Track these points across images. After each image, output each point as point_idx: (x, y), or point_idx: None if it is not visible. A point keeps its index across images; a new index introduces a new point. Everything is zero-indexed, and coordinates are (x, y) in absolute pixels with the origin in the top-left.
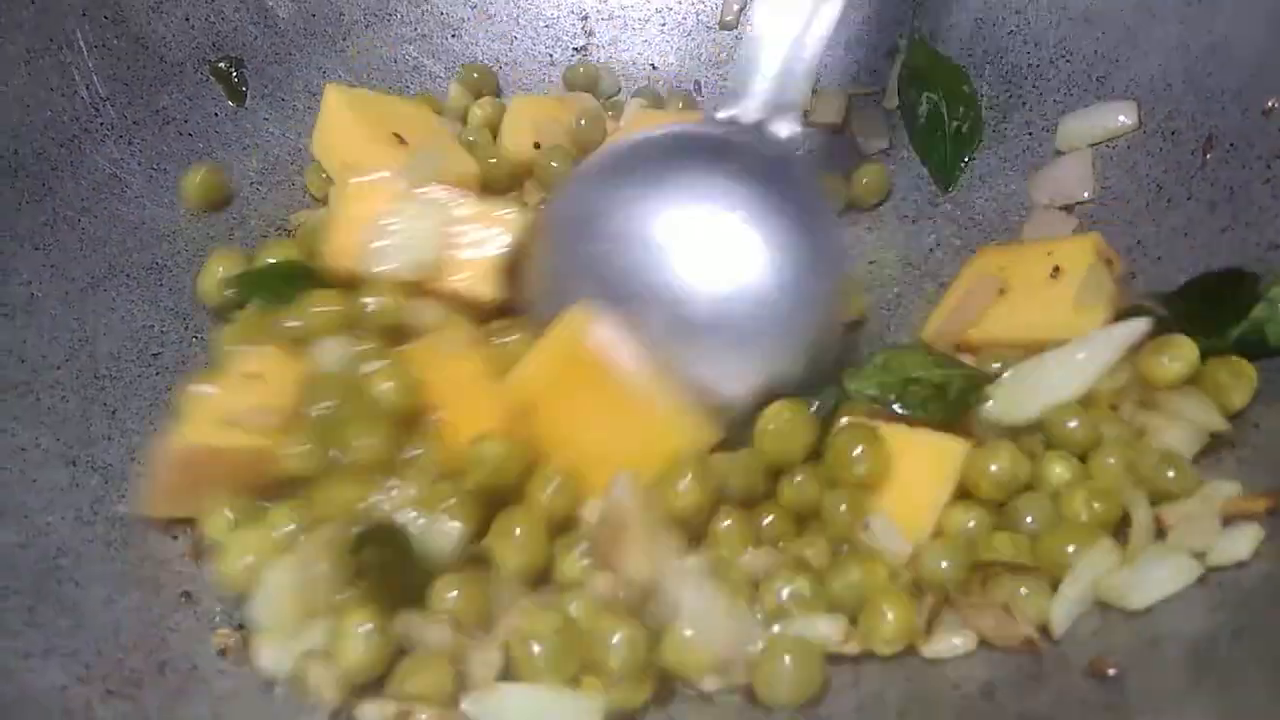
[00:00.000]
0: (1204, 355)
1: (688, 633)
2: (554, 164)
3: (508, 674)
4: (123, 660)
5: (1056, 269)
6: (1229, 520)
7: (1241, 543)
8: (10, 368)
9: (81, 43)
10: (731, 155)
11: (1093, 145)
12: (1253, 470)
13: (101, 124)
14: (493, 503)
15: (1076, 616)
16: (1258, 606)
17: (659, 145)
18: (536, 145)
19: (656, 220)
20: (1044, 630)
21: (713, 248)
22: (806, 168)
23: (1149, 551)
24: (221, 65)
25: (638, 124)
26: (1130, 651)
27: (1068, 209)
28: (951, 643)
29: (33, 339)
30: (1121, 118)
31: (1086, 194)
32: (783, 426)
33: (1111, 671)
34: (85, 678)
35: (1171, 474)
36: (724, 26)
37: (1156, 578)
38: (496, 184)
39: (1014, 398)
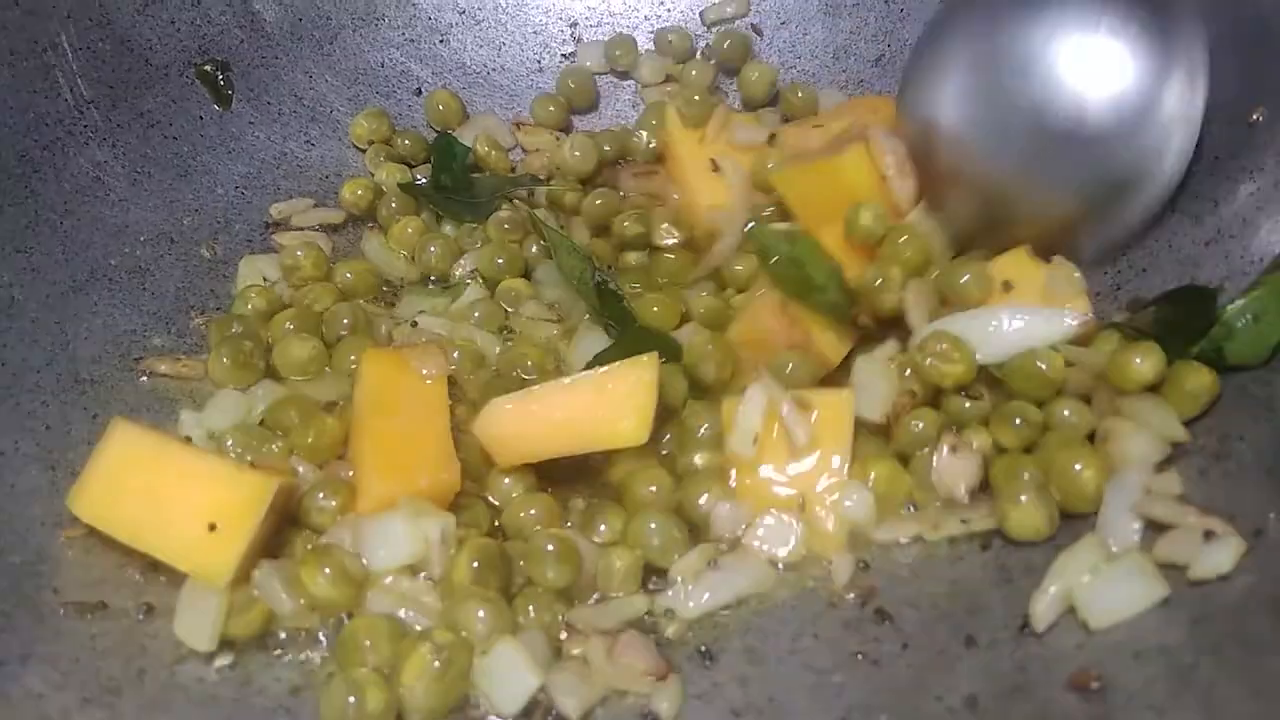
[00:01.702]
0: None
1: None
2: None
3: None
4: (100, 667)
5: (1006, 284)
6: (1211, 534)
7: (1224, 556)
8: None
9: (66, 45)
10: None
11: None
12: (1237, 483)
13: (85, 127)
14: None
15: (1057, 615)
16: (1239, 620)
17: None
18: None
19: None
20: (1027, 627)
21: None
22: None
23: (1119, 565)
24: (207, 69)
25: None
26: (1113, 664)
27: None
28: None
29: (13, 342)
30: None
31: None
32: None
33: (1094, 685)
34: (62, 684)
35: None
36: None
37: (1121, 596)
38: None
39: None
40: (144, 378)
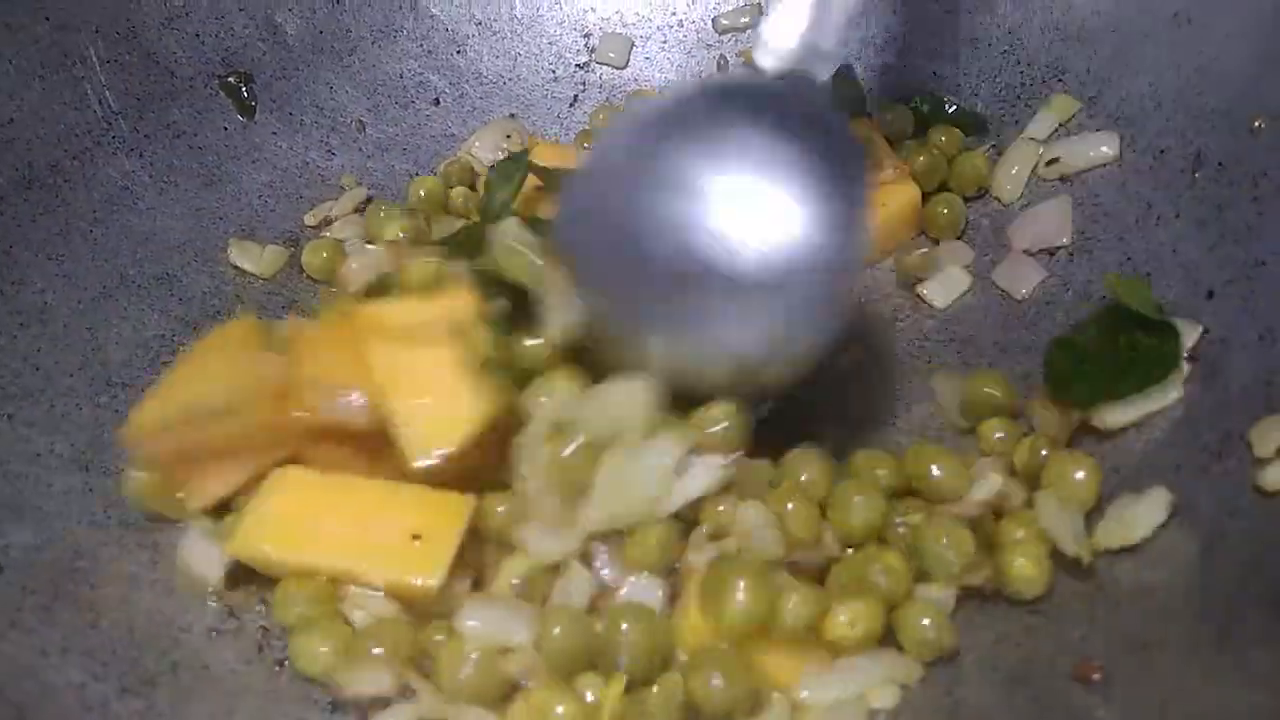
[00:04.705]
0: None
1: None
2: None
3: None
4: (137, 659)
5: None
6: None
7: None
8: (25, 375)
9: (94, 59)
10: (770, 111)
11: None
12: (1238, 481)
13: (113, 137)
14: None
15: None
16: (1239, 614)
17: (700, 103)
18: None
19: (694, 181)
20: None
21: (748, 212)
22: (840, 121)
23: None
24: (231, 80)
25: None
26: (1115, 655)
27: (1049, 252)
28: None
29: (46, 347)
30: (1104, 148)
31: (1065, 240)
32: None
33: (1095, 676)
34: (101, 675)
35: None
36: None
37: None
38: None
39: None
40: None
